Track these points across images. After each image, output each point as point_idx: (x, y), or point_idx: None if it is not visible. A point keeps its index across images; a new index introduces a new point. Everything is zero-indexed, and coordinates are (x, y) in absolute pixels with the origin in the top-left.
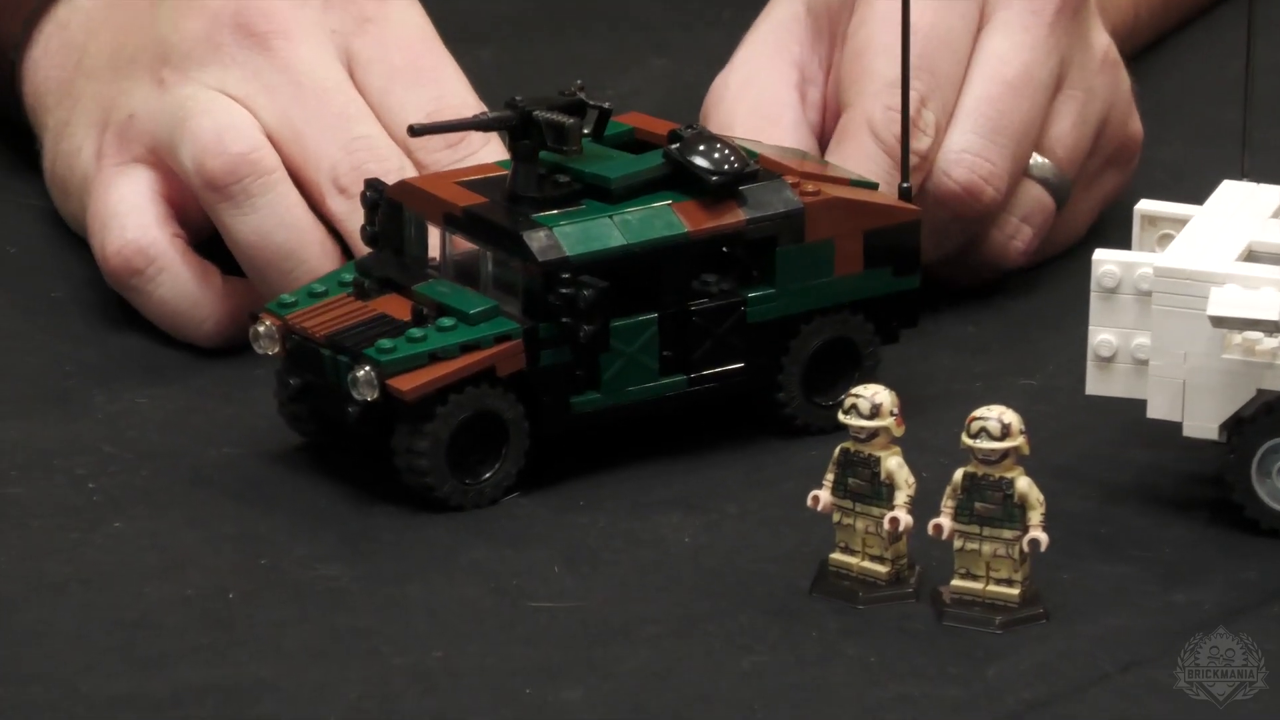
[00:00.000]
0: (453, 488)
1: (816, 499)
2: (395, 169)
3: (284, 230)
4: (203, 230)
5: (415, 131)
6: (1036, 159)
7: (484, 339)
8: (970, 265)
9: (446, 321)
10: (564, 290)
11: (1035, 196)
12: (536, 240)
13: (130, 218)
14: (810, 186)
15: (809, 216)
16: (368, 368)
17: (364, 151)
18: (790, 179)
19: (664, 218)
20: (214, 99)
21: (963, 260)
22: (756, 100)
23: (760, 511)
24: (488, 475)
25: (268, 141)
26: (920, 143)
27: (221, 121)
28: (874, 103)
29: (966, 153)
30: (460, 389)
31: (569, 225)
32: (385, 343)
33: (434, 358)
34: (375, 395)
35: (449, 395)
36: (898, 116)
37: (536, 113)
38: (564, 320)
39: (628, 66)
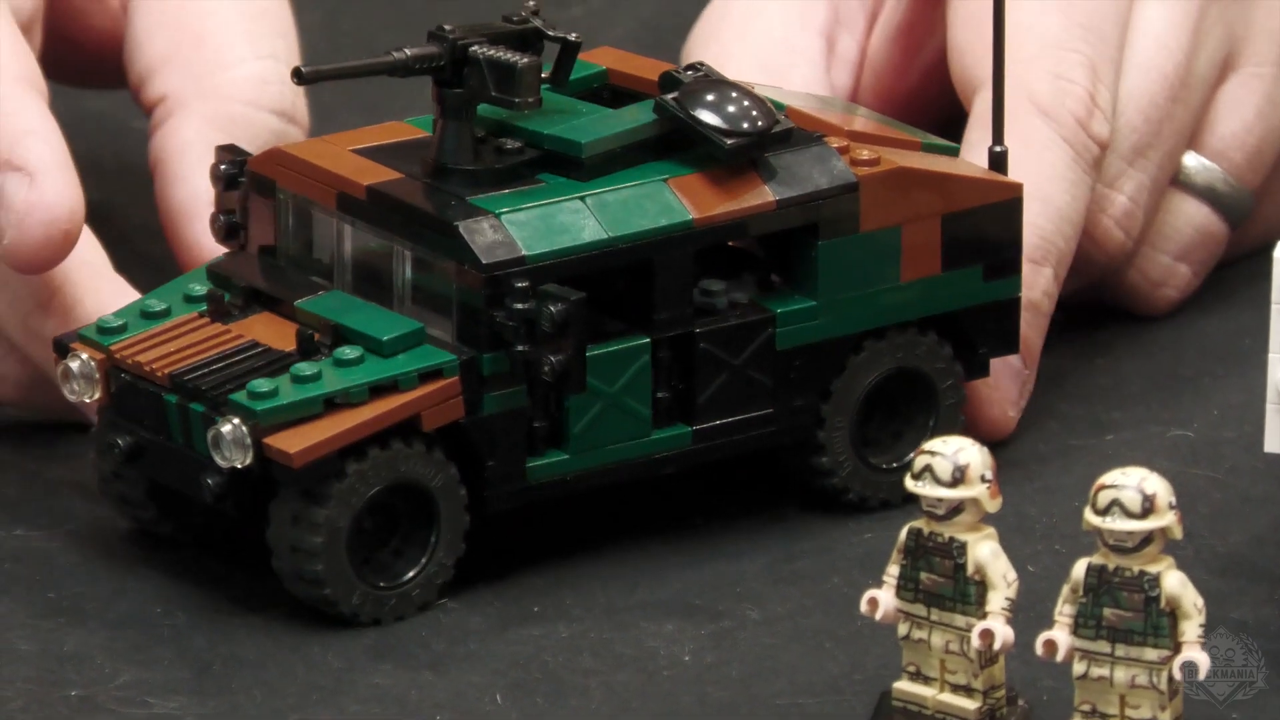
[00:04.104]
0: (363, 597)
1: (875, 603)
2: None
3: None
4: None
5: (304, 78)
6: (1201, 163)
7: (403, 377)
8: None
9: (348, 352)
10: (519, 306)
11: (1199, 225)
12: (479, 234)
13: None
14: (865, 153)
15: (865, 195)
16: (236, 420)
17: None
18: (836, 142)
19: (658, 199)
20: None
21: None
22: (763, 40)
23: (793, 619)
24: (411, 574)
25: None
26: (1100, 127)
27: None
28: (1035, 69)
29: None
30: (366, 452)
31: (524, 212)
32: (261, 384)
33: (332, 405)
34: (248, 460)
35: (351, 461)
36: (1076, 90)
37: (474, 48)
38: (519, 349)
39: None
